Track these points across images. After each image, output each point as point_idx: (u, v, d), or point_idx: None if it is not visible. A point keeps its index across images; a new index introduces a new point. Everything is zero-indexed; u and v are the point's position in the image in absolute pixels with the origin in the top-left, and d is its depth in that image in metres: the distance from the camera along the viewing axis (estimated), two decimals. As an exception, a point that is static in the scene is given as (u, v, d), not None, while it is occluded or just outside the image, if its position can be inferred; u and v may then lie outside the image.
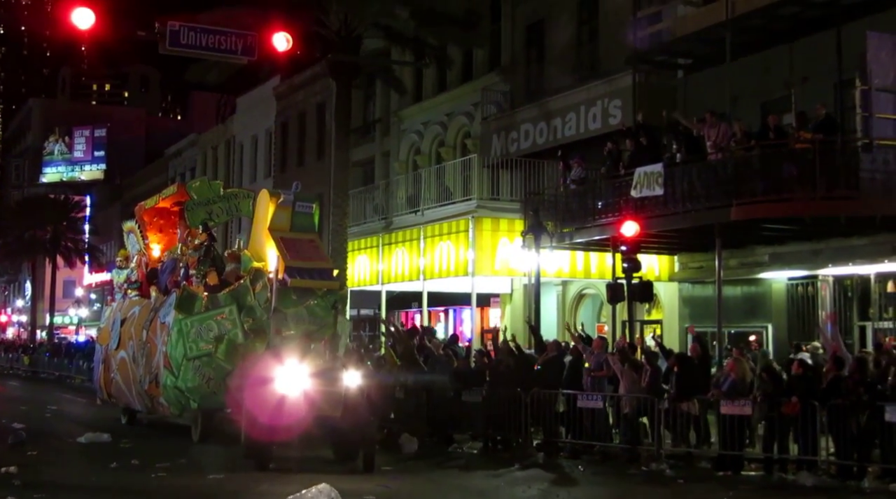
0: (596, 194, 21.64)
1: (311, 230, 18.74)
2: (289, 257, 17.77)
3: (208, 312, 17.87)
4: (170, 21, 20.26)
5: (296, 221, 18.38)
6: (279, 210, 18.33)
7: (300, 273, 17.72)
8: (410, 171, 31.94)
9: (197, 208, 20.06)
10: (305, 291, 17.75)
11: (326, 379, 14.32)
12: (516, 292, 27.02)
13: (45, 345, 57.12)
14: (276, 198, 18.59)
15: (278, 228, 18.26)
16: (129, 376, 19.75)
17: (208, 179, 21.74)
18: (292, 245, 17.96)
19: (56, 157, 78.48)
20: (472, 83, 30.51)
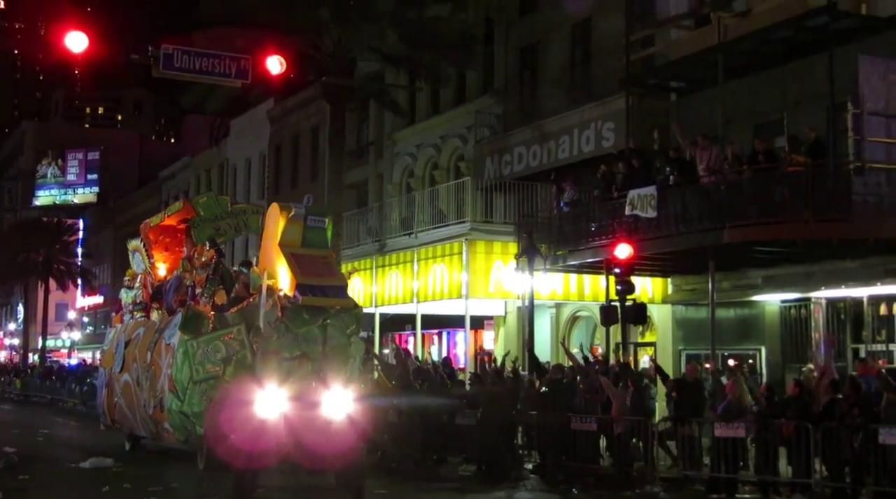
0: (589, 217, 21.69)
1: (323, 246, 17.85)
2: (300, 274, 16.94)
3: (215, 333, 16.97)
4: (163, 44, 20.30)
5: (308, 236, 17.44)
6: (290, 224, 17.36)
7: (312, 291, 16.88)
8: (404, 193, 31.97)
9: (203, 225, 19.30)
10: (318, 310, 16.89)
11: (307, 403, 13.46)
12: (510, 315, 27.01)
13: (37, 368, 56.87)
14: (287, 211, 17.57)
15: (289, 244, 17.31)
16: (132, 400, 19.12)
17: (215, 195, 20.59)
18: (304, 261, 17.12)
19: (49, 180, 78.43)
20: (465, 106, 30.62)
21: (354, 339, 17.46)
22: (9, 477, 15.60)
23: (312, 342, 16.58)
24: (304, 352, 15.98)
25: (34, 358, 67.08)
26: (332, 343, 16.82)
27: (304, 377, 14.38)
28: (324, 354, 16.54)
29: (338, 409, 13.33)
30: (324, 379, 15.16)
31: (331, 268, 17.75)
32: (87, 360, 64.15)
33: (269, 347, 16.27)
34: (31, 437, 23.67)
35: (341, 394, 13.49)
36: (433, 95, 31.90)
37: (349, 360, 16.89)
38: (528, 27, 28.77)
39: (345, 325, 17.23)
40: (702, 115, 21.35)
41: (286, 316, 16.62)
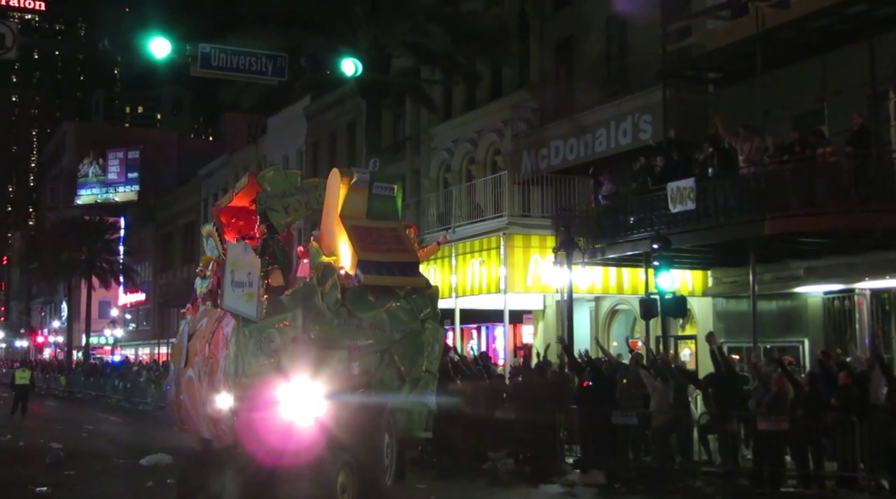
0: (627, 210, 21.56)
1: (392, 217, 15.81)
2: (361, 249, 14.98)
3: (269, 320, 14.83)
4: (201, 43, 20.47)
5: (374, 206, 15.52)
6: (352, 193, 15.44)
7: (376, 268, 14.88)
8: (441, 188, 31.98)
9: (270, 201, 16.99)
10: (385, 292, 14.97)
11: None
12: (549, 309, 26.94)
13: (82, 365, 57.67)
14: (349, 178, 15.59)
15: (351, 215, 15.38)
16: (195, 397, 17.42)
17: (282, 168, 18.05)
18: (367, 235, 15.22)
19: (91, 179, 79.33)
20: (501, 100, 30.56)
21: (431, 324, 15.37)
22: (55, 472, 15.85)
23: (379, 329, 14.84)
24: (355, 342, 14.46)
25: (78, 355, 68.07)
26: (402, 330, 15.00)
27: (345, 370, 13.87)
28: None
29: (302, 410, 12.09)
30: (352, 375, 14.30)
31: (400, 242, 15.56)
32: (129, 357, 64.95)
33: (330, 334, 14.61)
34: (77, 433, 24.00)
35: (312, 393, 12.18)
36: (469, 90, 31.87)
37: (425, 348, 15.01)
38: (564, 20, 28.65)
39: (418, 308, 15.25)
40: (740, 106, 21.15)
41: (348, 299, 14.73)
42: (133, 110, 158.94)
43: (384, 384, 14.62)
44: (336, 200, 15.47)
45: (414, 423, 14.79)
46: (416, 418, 14.81)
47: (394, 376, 14.64)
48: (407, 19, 25.82)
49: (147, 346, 66.20)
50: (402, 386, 14.69)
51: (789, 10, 19.37)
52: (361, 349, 14.74)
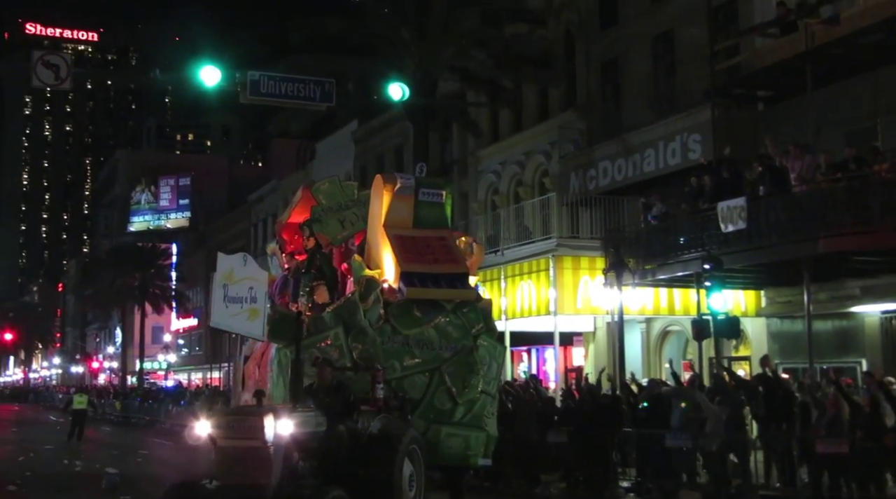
0: (678, 230, 21.39)
1: (441, 224, 14.81)
2: (404, 260, 13.94)
3: (310, 338, 13.91)
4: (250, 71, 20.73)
5: (421, 214, 14.54)
6: (397, 200, 14.46)
7: (421, 280, 13.86)
8: (489, 211, 32.00)
9: (326, 215, 16.00)
10: (433, 306, 13.98)
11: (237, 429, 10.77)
12: (599, 331, 26.78)
13: (136, 390, 58.31)
14: (393, 185, 14.58)
15: (396, 224, 14.38)
16: None
17: (339, 179, 16.82)
18: (413, 245, 14.18)
19: (143, 206, 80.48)
20: (548, 122, 30.55)
21: (486, 340, 14.27)
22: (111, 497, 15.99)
23: (427, 347, 13.85)
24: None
25: (132, 380, 68.87)
26: (453, 347, 14.01)
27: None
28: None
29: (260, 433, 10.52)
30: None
31: (449, 251, 14.40)
32: (182, 381, 65.57)
33: (374, 352, 13.69)
34: (131, 458, 24.23)
35: (274, 417, 10.62)
36: (516, 112, 31.90)
37: (479, 367, 13.93)
38: (610, 41, 28.62)
39: (470, 323, 14.19)
40: (791, 124, 20.94)
41: (391, 314, 13.85)
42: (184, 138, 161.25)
43: (434, 408, 13.76)
44: (380, 209, 14.63)
45: (471, 450, 13.87)
46: (473, 445, 13.91)
47: (445, 398, 13.79)
48: (452, 43, 25.97)
49: (199, 370, 66.84)
50: (455, 409, 13.82)
51: (839, 27, 19.17)
52: (407, 369, 13.83)
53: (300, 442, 10.92)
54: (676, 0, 25.75)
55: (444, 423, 13.77)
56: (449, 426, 13.76)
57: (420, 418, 13.60)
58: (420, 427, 13.33)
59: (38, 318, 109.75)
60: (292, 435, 10.67)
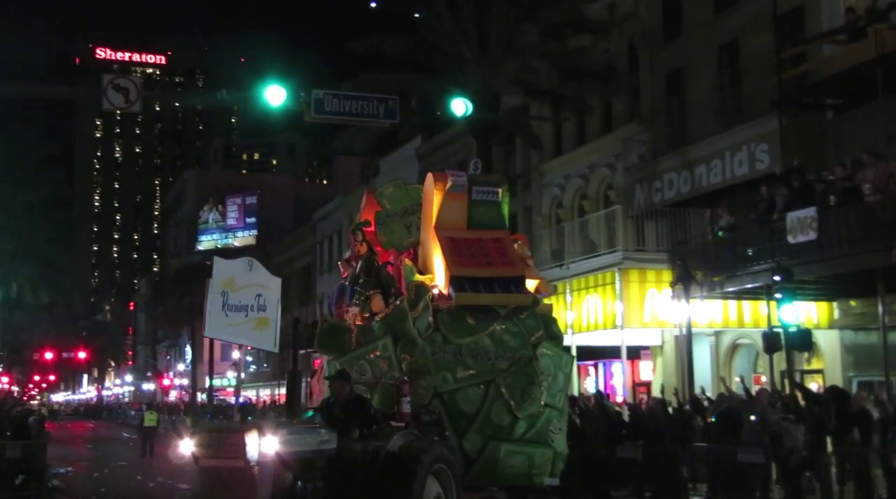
0: (747, 241, 21.08)
1: (497, 225, 13.82)
2: (454, 263, 13.00)
3: (359, 350, 13.24)
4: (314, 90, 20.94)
5: (475, 214, 13.60)
6: (448, 200, 13.52)
7: (472, 285, 12.89)
8: (554, 225, 31.89)
9: (391, 221, 14.98)
10: (488, 313, 13.04)
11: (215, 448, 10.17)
12: (667, 344, 26.48)
13: (206, 406, 59.06)
14: (444, 183, 13.67)
15: (449, 225, 13.47)
16: None
17: (404, 182, 15.74)
18: (466, 247, 13.24)
19: (211, 225, 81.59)
20: (612, 134, 30.38)
21: (549, 349, 13.33)
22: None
23: (481, 357, 12.94)
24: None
25: (202, 397, 69.76)
26: (510, 357, 13.04)
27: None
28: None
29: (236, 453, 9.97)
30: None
31: (505, 253, 13.43)
32: (251, 398, 66.23)
33: (423, 364, 12.84)
34: (202, 474, 24.47)
35: (259, 434, 9.94)
36: (579, 125, 31.78)
37: (539, 378, 12.94)
38: (674, 52, 28.38)
39: (528, 330, 13.23)
40: (861, 132, 20.52)
41: (442, 322, 12.95)
42: (250, 157, 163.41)
43: (491, 423, 12.77)
44: (431, 209, 13.76)
45: (536, 468, 12.98)
46: (538, 463, 13.02)
47: (503, 412, 12.77)
48: (515, 58, 25.97)
49: (267, 387, 67.44)
50: (516, 425, 12.89)
51: (910, 32, 18.79)
52: (460, 381, 12.88)
53: (297, 461, 10.12)
54: (742, 9, 25.46)
55: (503, 439, 12.83)
56: (509, 443, 12.85)
57: (476, 433, 12.77)
58: (476, 444, 12.65)
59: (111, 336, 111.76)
60: (280, 454, 9.79)
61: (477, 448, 12.68)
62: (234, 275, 11.75)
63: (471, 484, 12.71)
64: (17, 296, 43.61)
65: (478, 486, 13.13)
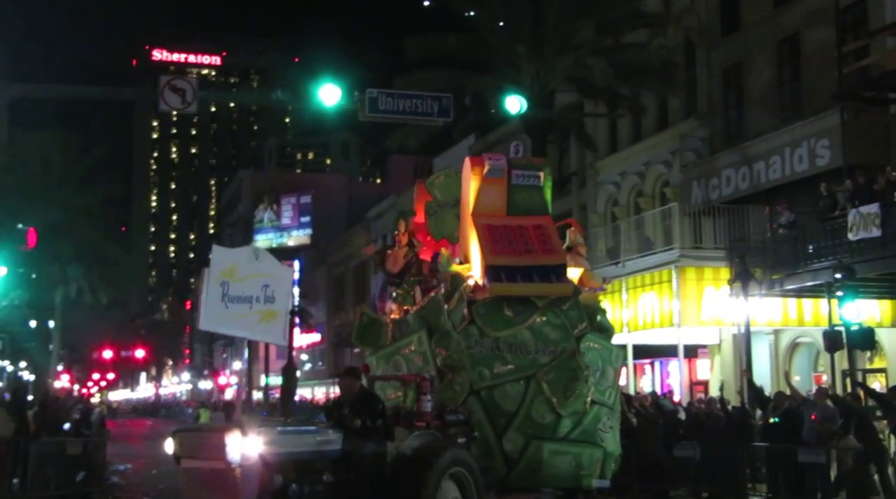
0: (807, 238, 20.75)
1: (538, 210, 13.07)
2: (491, 252, 12.31)
3: (395, 344, 12.82)
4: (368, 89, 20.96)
5: (515, 199, 12.91)
6: (487, 185, 12.83)
7: (508, 274, 12.19)
8: (609, 222, 31.66)
9: (441, 211, 14.54)
10: (526, 304, 12.30)
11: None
12: (725, 343, 26.13)
13: (262, 405, 59.46)
14: (481, 167, 12.98)
15: (487, 212, 12.79)
16: None
17: (455, 172, 14.81)
18: (504, 235, 12.53)
19: (266, 224, 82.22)
20: (668, 131, 30.06)
21: (595, 342, 12.49)
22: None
23: (521, 351, 12.15)
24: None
25: (258, 395, 70.31)
26: (551, 350, 12.21)
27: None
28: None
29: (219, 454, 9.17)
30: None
31: (546, 241, 12.65)
32: (307, 396, 66.64)
33: (458, 359, 12.07)
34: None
35: (242, 434, 9.16)
36: (634, 122, 31.50)
37: (583, 373, 12.07)
38: (732, 47, 27.99)
39: (571, 322, 12.43)
40: (926, 126, 20.10)
41: (478, 314, 12.21)
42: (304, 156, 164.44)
43: (532, 421, 11.98)
44: (469, 196, 13.05)
45: (584, 469, 12.16)
46: (586, 463, 12.19)
47: (545, 409, 11.98)
48: (569, 54, 25.79)
49: (323, 385, 67.84)
50: (559, 423, 12.01)
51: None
52: (498, 377, 12.02)
53: (292, 462, 9.54)
54: (802, 2, 25.03)
55: (546, 439, 12.00)
56: (553, 443, 12.00)
57: (517, 432, 12.01)
58: (518, 443, 11.94)
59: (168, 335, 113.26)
60: (265, 455, 9.12)
61: (518, 448, 11.96)
62: (237, 264, 10.78)
63: (514, 486, 12.03)
64: (77, 296, 44.29)
65: (524, 488, 12.27)
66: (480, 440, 11.74)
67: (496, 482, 11.72)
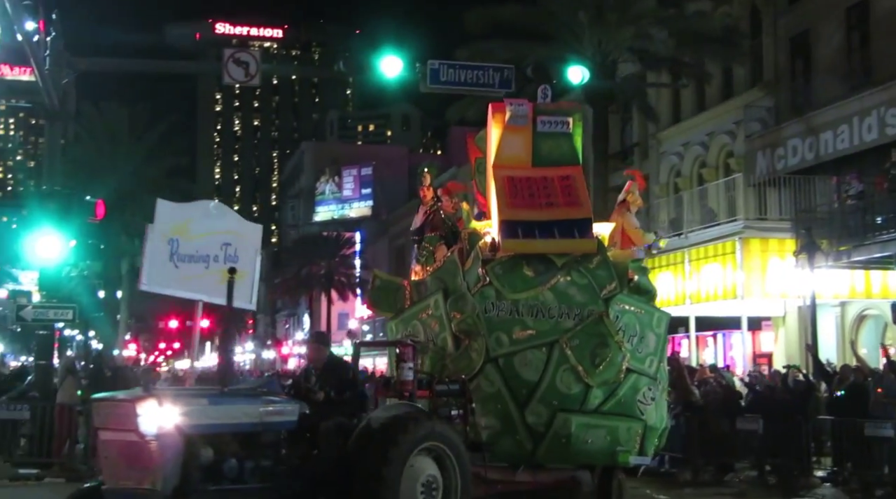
0: (875, 209, 20.39)
1: (567, 160, 11.75)
2: (508, 207, 11.18)
3: (413, 308, 11.72)
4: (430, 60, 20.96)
5: (541, 148, 11.69)
6: (509, 133, 11.67)
7: (526, 230, 11.01)
8: (672, 194, 31.36)
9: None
10: (548, 263, 11.06)
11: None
12: (789, 315, 25.79)
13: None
14: (502, 114, 11.78)
15: (509, 163, 11.61)
16: None
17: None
18: (525, 187, 11.35)
19: (327, 196, 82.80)
20: (733, 101, 29.62)
21: (630, 303, 11.25)
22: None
23: (542, 314, 10.90)
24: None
25: (319, 365, 71.16)
26: (576, 314, 10.92)
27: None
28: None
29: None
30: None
31: (572, 193, 11.43)
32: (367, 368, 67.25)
33: (472, 323, 10.92)
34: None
35: (158, 403, 8.27)
36: (698, 92, 31.08)
37: (613, 339, 10.83)
38: (799, 14, 27.44)
39: (599, 282, 11.16)
40: None
41: (494, 275, 11.05)
42: (365, 128, 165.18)
43: (557, 391, 10.77)
44: (491, 146, 11.93)
45: (621, 444, 10.89)
46: (623, 438, 10.94)
47: (570, 379, 10.76)
48: (631, 24, 25.49)
49: (383, 356, 68.36)
50: (589, 394, 10.78)
51: None
52: (518, 343, 10.83)
53: (231, 436, 8.67)
54: (871, -33, 24.46)
55: (574, 411, 10.80)
56: (583, 415, 10.80)
57: (540, 404, 10.81)
58: (542, 416, 10.76)
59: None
60: (183, 426, 8.21)
61: (543, 421, 10.75)
62: (190, 220, 9.69)
63: (543, 463, 10.96)
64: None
65: (557, 465, 11.11)
66: (501, 413, 10.78)
67: (522, 458, 10.83)
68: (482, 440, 10.58)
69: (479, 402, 10.79)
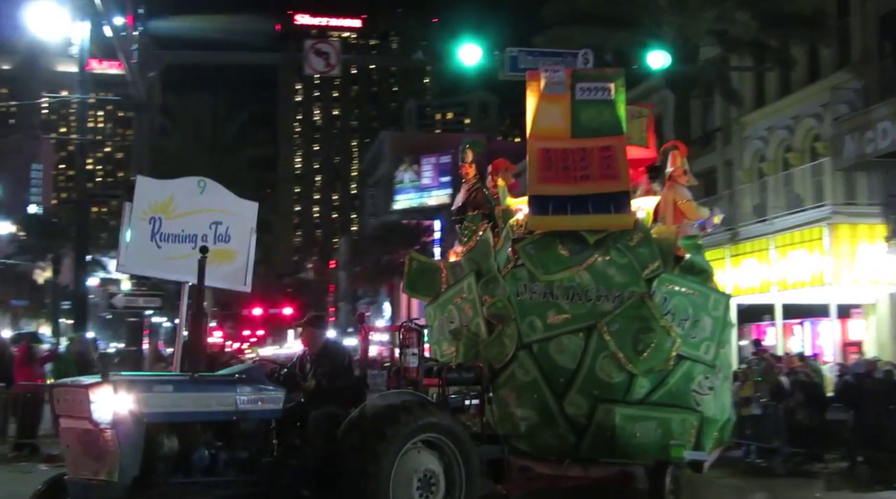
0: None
1: (609, 130, 10.84)
2: (539, 180, 10.47)
3: (448, 292, 11.08)
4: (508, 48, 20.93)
5: (581, 117, 10.77)
6: (545, 102, 10.84)
7: (557, 205, 10.30)
8: (756, 179, 30.79)
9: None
10: (584, 243, 10.28)
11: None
12: (881, 303, 25.12)
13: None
14: (538, 83, 11.06)
15: (547, 134, 10.74)
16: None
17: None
18: (560, 159, 10.53)
19: (406, 184, 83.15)
20: (819, 83, 28.91)
21: (682, 284, 10.32)
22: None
23: (578, 296, 10.11)
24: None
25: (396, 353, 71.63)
26: (616, 296, 10.12)
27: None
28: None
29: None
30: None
31: (609, 165, 10.54)
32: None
33: (503, 307, 10.26)
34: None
35: (114, 390, 7.72)
36: (782, 75, 30.41)
37: (657, 322, 9.96)
38: (889, -8, 26.66)
39: (641, 261, 10.34)
40: None
41: (525, 255, 10.35)
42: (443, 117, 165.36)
43: (597, 381, 10.03)
44: (528, 117, 11.08)
45: (674, 437, 10.08)
46: (676, 431, 10.12)
47: (611, 367, 9.98)
48: (713, 6, 25.08)
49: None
50: (633, 383, 10.01)
51: None
52: (552, 328, 10.09)
53: (204, 424, 8.19)
54: (966, -59, 23.63)
55: (617, 402, 10.03)
56: (627, 406, 10.02)
57: (580, 394, 10.08)
58: (581, 407, 10.05)
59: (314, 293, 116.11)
60: (139, 414, 7.69)
61: (583, 412, 10.04)
62: (174, 197, 9.08)
63: (590, 457, 10.20)
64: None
65: (607, 460, 10.26)
66: (538, 403, 10.10)
67: (565, 451, 10.13)
68: (502, 433, 9.70)
69: (514, 391, 10.19)
